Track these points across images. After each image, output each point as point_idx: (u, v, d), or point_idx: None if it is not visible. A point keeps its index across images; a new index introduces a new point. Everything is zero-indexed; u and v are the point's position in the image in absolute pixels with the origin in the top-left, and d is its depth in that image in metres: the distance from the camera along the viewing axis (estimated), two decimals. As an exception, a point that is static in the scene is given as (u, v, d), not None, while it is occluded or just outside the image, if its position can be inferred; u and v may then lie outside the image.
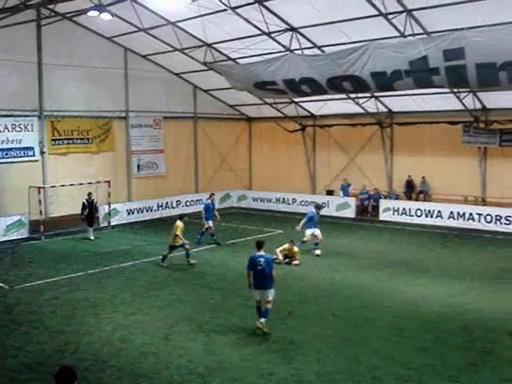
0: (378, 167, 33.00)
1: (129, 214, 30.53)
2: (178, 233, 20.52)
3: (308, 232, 22.52)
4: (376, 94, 28.96)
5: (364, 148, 33.39)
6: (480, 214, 27.75)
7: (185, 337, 13.20)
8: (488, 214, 27.54)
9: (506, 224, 26.96)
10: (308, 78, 23.49)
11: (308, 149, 36.00)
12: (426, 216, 29.47)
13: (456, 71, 19.72)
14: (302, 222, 22.62)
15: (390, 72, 21.03)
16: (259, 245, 13.66)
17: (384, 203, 31.34)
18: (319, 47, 25.45)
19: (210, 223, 24.40)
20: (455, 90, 25.93)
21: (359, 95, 29.18)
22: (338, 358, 11.86)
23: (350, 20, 22.26)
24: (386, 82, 21.86)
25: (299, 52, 24.79)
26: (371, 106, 30.80)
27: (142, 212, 31.22)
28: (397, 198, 31.84)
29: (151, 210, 31.70)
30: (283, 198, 35.24)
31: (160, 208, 32.15)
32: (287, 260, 20.76)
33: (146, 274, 19.53)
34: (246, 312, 14.55)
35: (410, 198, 31.56)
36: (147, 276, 19.19)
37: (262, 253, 13.47)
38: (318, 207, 23.60)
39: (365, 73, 21.51)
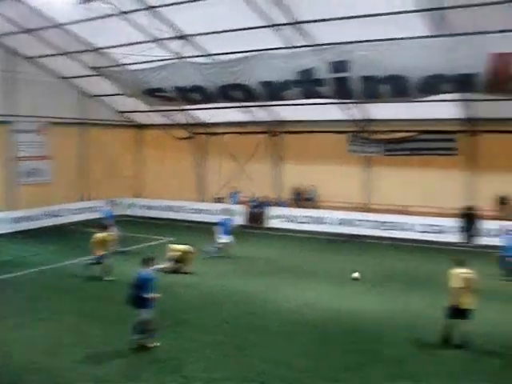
0: (267, 175, 33.51)
1: (13, 222, 29.19)
2: (94, 242, 19.70)
3: (223, 240, 23.37)
4: (266, 103, 29.41)
5: (254, 156, 33.79)
6: (365, 220, 28.87)
7: (72, 350, 12.79)
8: (373, 220, 28.72)
9: (389, 229, 28.23)
10: (199, 86, 23.50)
11: (198, 156, 36.06)
12: (315, 223, 30.28)
13: (341, 83, 20.40)
14: (216, 230, 23.38)
15: (279, 82, 21.44)
16: (145, 261, 13.00)
17: (273, 210, 31.88)
18: (210, 55, 25.56)
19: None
20: (341, 101, 26.79)
21: (249, 104, 29.52)
22: (228, 365, 11.93)
23: (241, 30, 22.47)
24: (275, 91, 22.26)
25: (190, 60, 24.79)
26: (261, 114, 31.27)
27: (28, 221, 29.92)
28: (285, 205, 32.48)
29: (37, 219, 30.45)
30: (172, 206, 35.12)
31: (47, 216, 31.01)
32: (176, 266, 20.62)
33: (32, 285, 18.78)
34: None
35: (298, 206, 32.28)
36: (33, 287, 18.45)
37: (146, 270, 12.85)
38: (227, 211, 24.66)
39: (255, 82, 21.82)
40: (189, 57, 24.86)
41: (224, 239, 23.23)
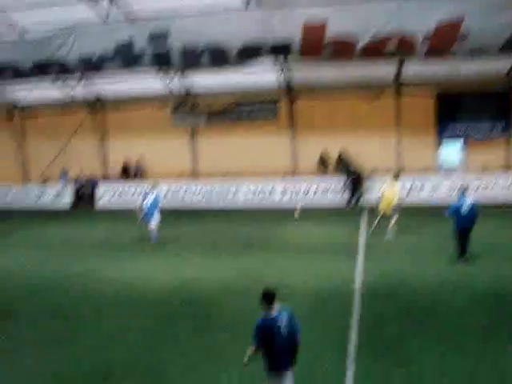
0: (93, 153, 32.72)
1: None
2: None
3: None
4: (86, 80, 28.49)
5: (77, 134, 32.65)
6: (193, 191, 29.42)
7: None
8: (201, 190, 29.27)
9: (218, 197, 28.99)
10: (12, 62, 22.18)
11: (18, 138, 34.22)
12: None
13: (159, 53, 20.47)
14: None
15: (97, 55, 20.89)
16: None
17: (101, 188, 31.24)
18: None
19: None
20: (162, 71, 26.66)
21: (69, 81, 28.53)
22: (65, 357, 11.04)
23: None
24: (94, 65, 21.70)
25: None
26: (81, 92, 30.45)
27: None
28: (114, 181, 31.93)
29: None
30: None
31: None
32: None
33: None
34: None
35: (127, 181, 31.83)
36: None
37: None
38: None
39: (73, 57, 21.03)
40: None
41: None
